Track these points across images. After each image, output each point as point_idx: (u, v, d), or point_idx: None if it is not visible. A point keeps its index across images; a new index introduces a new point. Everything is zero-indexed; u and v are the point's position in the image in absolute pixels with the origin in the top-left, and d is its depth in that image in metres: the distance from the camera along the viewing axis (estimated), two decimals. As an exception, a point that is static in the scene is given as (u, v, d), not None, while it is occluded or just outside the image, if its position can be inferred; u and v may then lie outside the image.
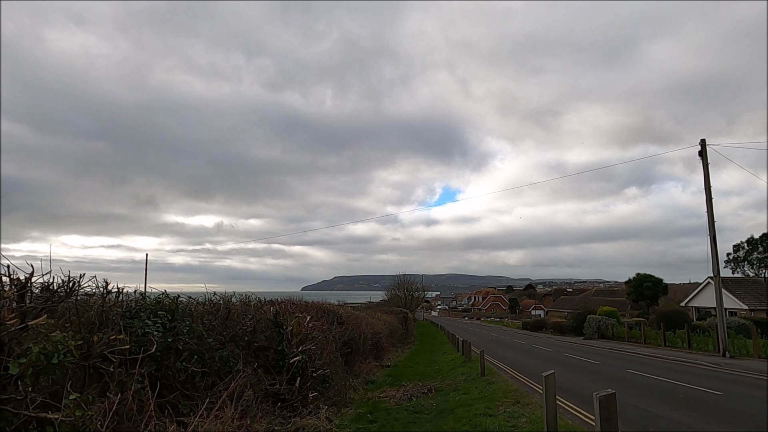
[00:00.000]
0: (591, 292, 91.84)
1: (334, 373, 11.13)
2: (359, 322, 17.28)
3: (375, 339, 23.03)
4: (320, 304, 14.16)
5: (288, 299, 11.85)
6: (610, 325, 38.86)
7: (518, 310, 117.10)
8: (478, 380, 13.07)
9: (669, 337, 29.20)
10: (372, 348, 22.35)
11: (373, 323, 24.52)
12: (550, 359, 21.06)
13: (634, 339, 33.82)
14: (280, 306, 9.58)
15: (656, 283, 66.10)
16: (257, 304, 9.12)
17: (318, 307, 13.57)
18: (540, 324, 59.71)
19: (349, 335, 15.60)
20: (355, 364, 16.55)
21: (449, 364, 19.36)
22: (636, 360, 20.68)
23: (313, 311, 12.51)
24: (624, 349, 27.14)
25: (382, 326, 26.95)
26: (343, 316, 14.38)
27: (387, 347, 26.49)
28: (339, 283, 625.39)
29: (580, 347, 29.84)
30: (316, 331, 10.75)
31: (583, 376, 15.15)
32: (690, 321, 36.69)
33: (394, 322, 32.95)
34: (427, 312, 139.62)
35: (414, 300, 75.23)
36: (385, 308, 38.91)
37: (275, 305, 9.51)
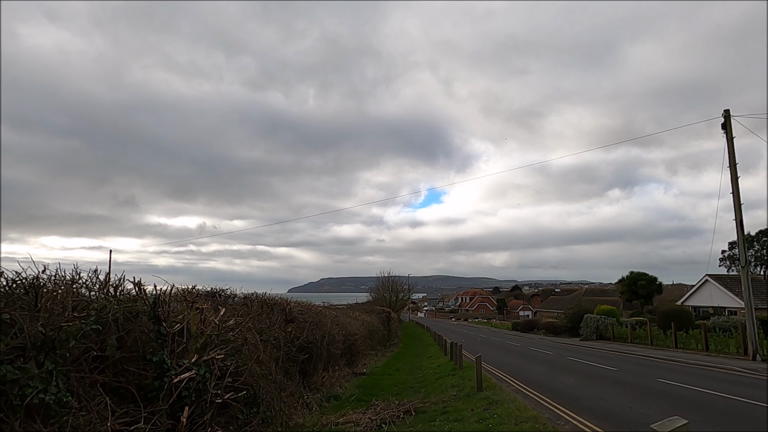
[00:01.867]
0: (581, 292, 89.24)
1: (266, 392, 7.60)
2: (322, 321, 13.76)
3: (348, 341, 19.58)
4: (264, 297, 10.57)
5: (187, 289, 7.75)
6: (609, 325, 35.81)
7: (506, 310, 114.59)
8: (474, 397, 9.63)
9: (681, 338, 26.12)
10: (344, 352, 18.90)
11: (347, 323, 21.04)
12: (556, 365, 17.76)
13: (638, 340, 30.75)
14: (163, 293, 5.96)
15: (651, 282, 63.57)
16: (111, 283, 5.46)
17: (253, 300, 10.00)
18: (531, 324, 56.64)
19: (306, 337, 12.06)
20: (314, 375, 13.02)
21: (436, 372, 15.93)
22: (657, 365, 17.44)
23: (239, 305, 8.97)
24: (633, 352, 23.98)
25: (359, 327, 23.46)
26: (295, 311, 10.82)
27: (364, 351, 22.99)
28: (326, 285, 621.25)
29: (582, 349, 26.63)
30: (236, 332, 7.21)
31: (610, 388, 11.79)
32: (694, 321, 33.87)
33: (375, 323, 29.45)
34: (413, 313, 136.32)
35: (399, 301, 71.96)
36: (366, 307, 35.38)
37: (157, 291, 5.90)
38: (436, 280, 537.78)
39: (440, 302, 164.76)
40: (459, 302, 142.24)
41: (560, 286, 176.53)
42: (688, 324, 31.21)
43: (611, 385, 12.11)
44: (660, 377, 13.65)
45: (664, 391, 11.31)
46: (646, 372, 15.06)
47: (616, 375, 14.36)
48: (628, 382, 12.80)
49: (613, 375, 14.35)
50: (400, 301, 72.65)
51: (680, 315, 34.25)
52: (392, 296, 70.85)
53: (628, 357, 21.45)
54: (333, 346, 15.56)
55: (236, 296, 10.15)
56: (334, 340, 15.57)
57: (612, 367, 16.48)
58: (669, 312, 35.67)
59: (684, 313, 35.63)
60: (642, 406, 9.29)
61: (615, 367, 16.50)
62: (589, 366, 16.94)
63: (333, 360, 16.00)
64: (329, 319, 15.06)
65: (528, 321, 61.59)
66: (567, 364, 17.63)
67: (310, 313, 12.71)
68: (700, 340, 24.39)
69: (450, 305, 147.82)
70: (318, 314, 13.72)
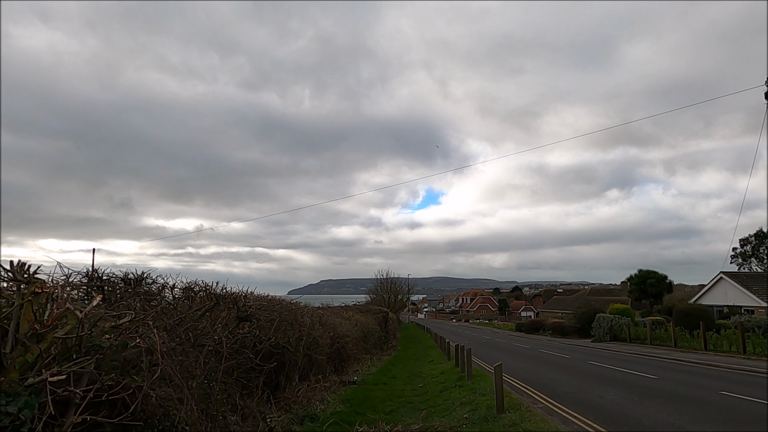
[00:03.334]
0: (585, 292, 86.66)
1: (187, 423, 4.96)
2: (299, 320, 11.13)
3: (337, 345, 16.97)
4: (210, 289, 7.83)
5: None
6: (624, 325, 33.16)
7: (507, 311, 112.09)
8: (494, 422, 6.99)
9: (710, 339, 23.49)
10: (331, 357, 16.29)
11: (337, 324, 18.40)
12: (580, 372, 15.09)
13: (658, 341, 28.12)
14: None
15: (660, 280, 60.95)
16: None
17: (196, 293, 7.33)
18: (537, 325, 53.95)
19: (275, 340, 9.41)
20: (287, 388, 10.37)
21: (439, 381, 13.29)
22: (703, 372, 14.78)
23: (175, 302, 6.33)
24: (659, 355, 21.33)
25: (351, 328, 20.82)
26: (253, 307, 8.09)
27: (356, 355, 20.32)
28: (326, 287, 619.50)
29: (600, 352, 23.99)
30: (139, 335, 4.56)
31: (673, 408, 9.05)
32: (714, 320, 31.34)
33: (370, 324, 26.78)
34: (413, 314, 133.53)
35: (398, 302, 69.45)
36: (363, 308, 32.71)
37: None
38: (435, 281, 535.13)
39: (440, 303, 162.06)
40: (459, 303, 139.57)
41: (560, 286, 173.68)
42: (709, 324, 28.74)
43: (671, 403, 9.36)
44: (721, 389, 10.99)
45: (745, 410, 8.65)
46: (696, 382, 12.39)
47: (662, 386, 11.65)
48: (687, 396, 10.08)
49: (660, 386, 11.64)
50: (399, 302, 70.13)
51: (700, 314, 31.70)
52: (391, 297, 68.39)
53: (658, 361, 18.82)
54: (316, 350, 12.93)
55: (173, 287, 7.48)
56: (316, 343, 12.94)
57: (650, 374, 13.79)
58: (687, 311, 33.14)
59: (704, 311, 33.09)
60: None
61: (653, 374, 13.82)
62: (621, 373, 14.27)
63: (316, 367, 13.36)
64: (310, 317, 12.39)
65: (533, 321, 58.92)
66: (593, 371, 14.97)
67: (279, 309, 10.04)
68: (734, 342, 21.75)
69: (450, 306, 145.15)
70: (293, 311, 11.06)
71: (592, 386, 11.53)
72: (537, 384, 11.99)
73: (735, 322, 29.87)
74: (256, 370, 8.65)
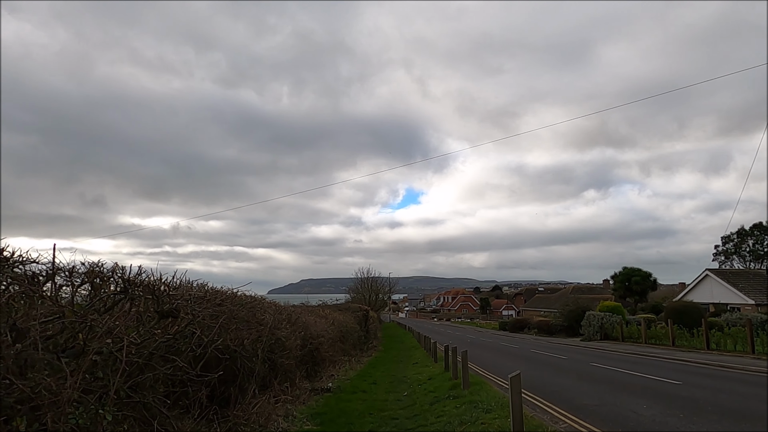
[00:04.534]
0: (568, 290, 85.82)
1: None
2: (256, 317, 9.00)
3: (309, 346, 14.89)
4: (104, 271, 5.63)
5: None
6: (616, 323, 31.70)
7: (489, 310, 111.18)
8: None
9: (713, 337, 22.02)
10: (302, 361, 14.21)
11: (310, 322, 16.31)
12: (589, 376, 13.22)
13: (654, 340, 26.65)
14: None
15: (645, 278, 60.13)
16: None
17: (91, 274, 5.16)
18: (522, 324, 52.54)
19: (222, 342, 7.28)
20: (241, 401, 8.23)
21: (428, 389, 11.29)
22: (725, 376, 13.05)
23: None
24: (661, 356, 19.74)
25: (327, 327, 18.72)
26: (179, 298, 5.88)
27: (333, 357, 18.23)
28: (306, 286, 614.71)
29: (597, 352, 22.31)
30: None
31: (737, 427, 7.19)
32: (706, 317, 30.15)
33: (349, 323, 24.67)
34: (394, 314, 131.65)
35: (379, 300, 67.51)
36: (341, 306, 30.57)
37: None
38: (416, 281, 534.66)
39: (421, 302, 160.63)
40: (441, 302, 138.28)
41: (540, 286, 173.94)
42: (700, 321, 27.63)
43: (728, 419, 7.44)
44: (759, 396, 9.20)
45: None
46: (731, 389, 10.56)
47: (697, 395, 9.65)
48: (740, 411, 8.14)
49: (694, 395, 9.64)
50: (380, 301, 68.21)
51: (691, 311, 30.52)
52: (372, 295, 66.44)
53: (666, 363, 17.15)
54: (281, 353, 10.81)
55: (52, 272, 5.25)
56: (281, 345, 10.81)
57: (670, 379, 11.94)
58: (679, 308, 31.92)
59: (696, 309, 31.92)
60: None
61: (674, 379, 11.98)
62: (636, 378, 12.43)
63: (282, 374, 11.24)
64: (273, 314, 10.25)
65: (517, 320, 57.51)
66: (603, 375, 13.11)
67: (230, 304, 7.87)
68: (738, 341, 20.28)
69: (432, 305, 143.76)
70: (249, 307, 8.91)
71: (615, 396, 9.63)
72: (547, 393, 10.05)
73: (726, 319, 28.73)
74: (196, 382, 6.52)
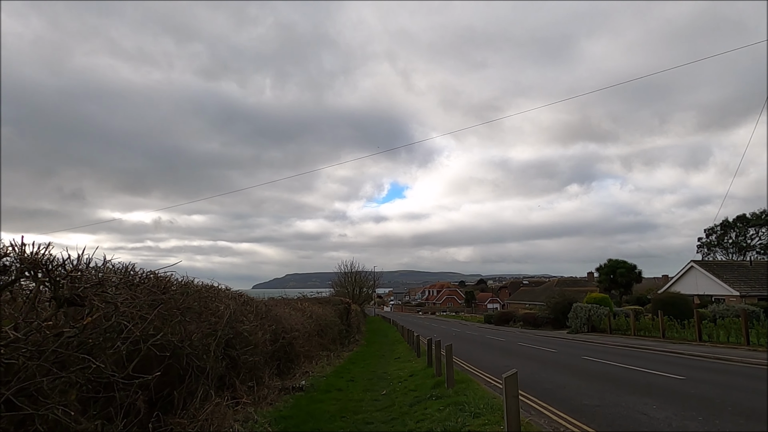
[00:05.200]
0: (553, 283, 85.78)
1: None
2: (210, 308, 7.79)
3: (282, 341, 13.72)
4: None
5: None
6: (603, 315, 31.03)
7: (474, 303, 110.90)
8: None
9: (705, 329, 21.33)
10: (274, 357, 13.05)
11: (283, 315, 15.13)
12: (583, 371, 12.23)
13: (643, 332, 25.98)
14: None
15: (630, 270, 59.92)
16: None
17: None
18: (507, 317, 51.89)
19: (163, 337, 6.02)
20: (188, 406, 7.01)
21: (408, 387, 10.17)
22: (727, 370, 12.15)
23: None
24: (654, 348, 18.96)
25: (303, 321, 17.55)
26: (92, 282, 4.62)
27: (309, 352, 17.05)
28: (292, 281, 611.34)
29: (587, 345, 21.47)
30: None
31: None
32: (693, 309, 29.69)
33: (329, 316, 23.49)
34: (379, 307, 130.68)
35: (362, 294, 66.43)
36: (322, 299, 29.30)
37: None
38: (402, 275, 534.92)
39: (406, 296, 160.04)
40: (426, 296, 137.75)
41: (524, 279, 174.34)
42: (688, 313, 27.11)
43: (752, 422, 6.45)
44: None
45: None
46: (741, 384, 9.61)
47: (708, 393, 8.64)
48: (755, 409, 7.22)
49: (705, 393, 8.63)
50: (363, 295, 67.12)
51: (678, 303, 30.05)
52: (356, 289, 65.34)
53: (662, 356, 16.30)
54: (244, 350, 9.60)
55: None
56: (244, 341, 9.60)
57: (673, 374, 10.97)
58: (666, 300, 31.45)
59: (683, 300, 31.51)
60: None
61: (676, 374, 11.00)
62: (636, 373, 11.45)
63: (246, 372, 10.04)
64: (231, 305, 9.01)
65: (503, 313, 56.89)
66: (599, 371, 12.11)
67: (173, 291, 6.63)
68: (731, 332, 19.59)
69: (416, 299, 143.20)
70: (198, 296, 7.67)
71: (618, 394, 8.59)
72: (541, 392, 9.00)
73: (713, 311, 28.25)
74: (127, 385, 5.30)
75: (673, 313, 25.60)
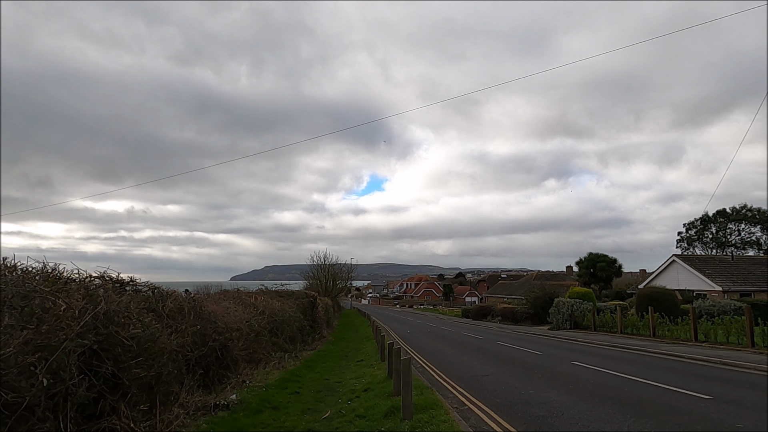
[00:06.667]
0: (531, 277, 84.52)
1: None
2: (45, 307, 5.14)
3: (213, 344, 11.23)
4: None
5: None
6: (587, 311, 29.16)
7: (452, 297, 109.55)
8: None
9: (701, 328, 19.44)
10: (202, 363, 10.57)
11: (218, 313, 12.61)
12: (584, 385, 9.90)
13: (630, 329, 24.13)
14: None
15: (610, 264, 58.72)
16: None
17: None
18: (485, 311, 50.07)
19: None
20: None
21: (357, 409, 7.74)
22: (752, 382, 10.05)
23: None
24: (647, 349, 16.97)
25: (250, 318, 15.00)
26: None
27: (256, 355, 14.50)
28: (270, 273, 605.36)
29: (573, 346, 19.39)
30: None
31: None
32: (679, 305, 28.10)
33: (288, 311, 20.92)
34: (356, 300, 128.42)
35: (336, 287, 63.83)
36: (283, 292, 26.63)
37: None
38: (380, 267, 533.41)
39: (385, 289, 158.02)
40: (404, 288, 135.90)
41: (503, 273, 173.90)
42: (674, 309, 25.47)
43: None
44: None
45: None
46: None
47: (749, 420, 6.58)
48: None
49: (747, 420, 6.56)
50: (337, 288, 64.51)
51: (665, 298, 28.30)
52: (329, 281, 62.69)
53: (660, 360, 14.22)
54: (135, 361, 7.05)
55: None
56: (134, 349, 7.03)
57: (693, 390, 8.76)
58: (652, 295, 29.63)
59: (669, 296, 29.77)
60: None
61: (697, 390, 8.80)
62: (647, 388, 9.19)
63: (147, 390, 7.50)
64: (106, 303, 6.41)
65: (480, 307, 55.05)
66: (601, 383, 9.80)
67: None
68: (732, 332, 17.69)
69: (395, 292, 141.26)
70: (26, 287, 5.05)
71: (639, 426, 6.30)
72: (533, 420, 6.65)
73: (699, 306, 26.64)
74: None
75: (659, 309, 23.90)
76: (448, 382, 10.32)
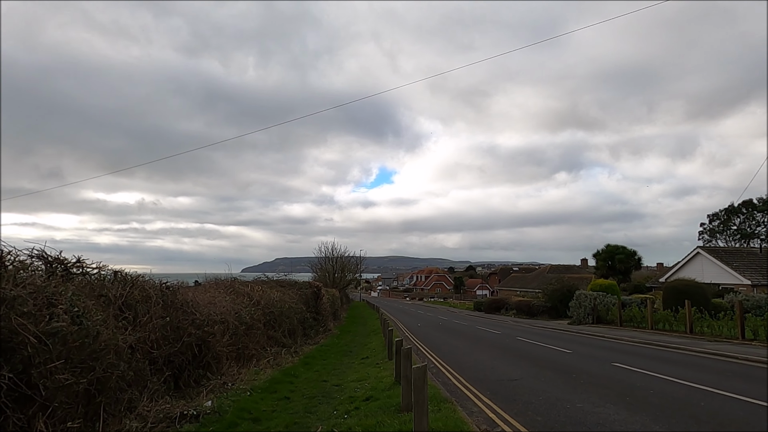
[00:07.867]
0: (545, 269, 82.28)
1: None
2: None
3: (189, 339, 9.46)
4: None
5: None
6: (611, 304, 27.09)
7: (463, 290, 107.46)
8: None
9: (750, 324, 17.36)
10: (173, 363, 8.83)
11: (199, 303, 10.87)
12: (633, 393, 7.98)
13: (662, 325, 22.07)
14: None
15: (629, 256, 56.28)
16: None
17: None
18: (498, 304, 48.03)
19: None
20: None
21: (354, 428, 5.83)
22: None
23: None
24: (691, 348, 15.03)
25: (241, 310, 13.26)
26: None
27: (246, 351, 12.73)
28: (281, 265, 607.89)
29: (605, 343, 17.44)
30: None
31: None
32: (710, 299, 25.85)
33: (289, 302, 19.17)
34: (366, 292, 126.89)
35: (344, 279, 62.22)
36: (285, 282, 24.89)
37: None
38: (390, 260, 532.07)
39: (395, 281, 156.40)
40: (414, 281, 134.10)
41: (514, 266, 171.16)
42: (706, 303, 23.34)
43: None
44: None
45: None
46: None
47: None
48: None
49: None
50: (345, 279, 62.89)
51: (694, 291, 26.07)
52: (338, 273, 61.07)
53: (718, 363, 12.22)
54: (52, 365, 5.23)
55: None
56: (54, 350, 5.22)
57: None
58: (680, 288, 27.37)
59: (698, 289, 27.48)
60: None
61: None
62: (733, 403, 7.26)
63: (85, 400, 5.73)
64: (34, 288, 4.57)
65: (494, 300, 53.01)
66: (661, 393, 7.82)
67: None
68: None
69: (405, 284, 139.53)
70: None
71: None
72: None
73: (730, 300, 24.52)
74: None
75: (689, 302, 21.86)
76: (469, 389, 8.43)
